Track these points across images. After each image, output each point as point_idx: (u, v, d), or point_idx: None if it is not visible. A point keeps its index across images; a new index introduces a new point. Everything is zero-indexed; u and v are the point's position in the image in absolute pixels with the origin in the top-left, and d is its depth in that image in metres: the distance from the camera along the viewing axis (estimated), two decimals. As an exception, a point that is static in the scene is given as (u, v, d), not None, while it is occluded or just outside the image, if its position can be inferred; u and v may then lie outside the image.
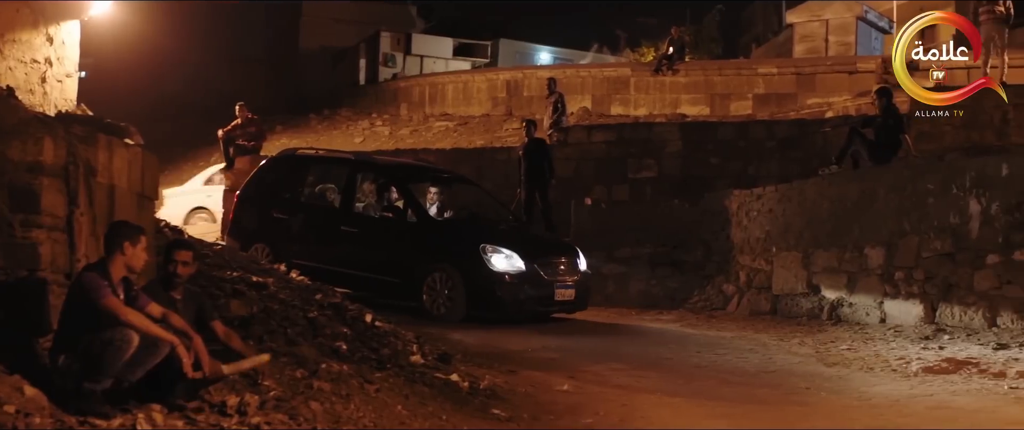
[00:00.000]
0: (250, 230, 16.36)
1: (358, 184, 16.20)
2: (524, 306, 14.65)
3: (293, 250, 15.49)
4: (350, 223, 15.62)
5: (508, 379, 10.37)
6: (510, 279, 14.48)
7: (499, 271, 14.45)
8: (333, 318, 10.47)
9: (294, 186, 16.68)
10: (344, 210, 15.87)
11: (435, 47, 43.74)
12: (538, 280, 14.69)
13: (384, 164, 17.27)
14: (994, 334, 13.02)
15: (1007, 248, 13.38)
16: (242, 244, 16.05)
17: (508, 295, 14.50)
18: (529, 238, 16.03)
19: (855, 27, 31.63)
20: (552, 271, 14.94)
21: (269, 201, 16.44)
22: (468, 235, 15.13)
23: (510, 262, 14.54)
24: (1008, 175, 13.63)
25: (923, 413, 9.31)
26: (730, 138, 21.77)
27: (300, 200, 16.54)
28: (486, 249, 14.53)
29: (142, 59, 39.40)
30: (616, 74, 31.53)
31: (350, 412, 7.49)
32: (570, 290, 15.00)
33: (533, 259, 14.71)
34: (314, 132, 36.05)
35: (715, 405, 9.76)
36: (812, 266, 15.63)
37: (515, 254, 14.57)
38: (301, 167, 17.09)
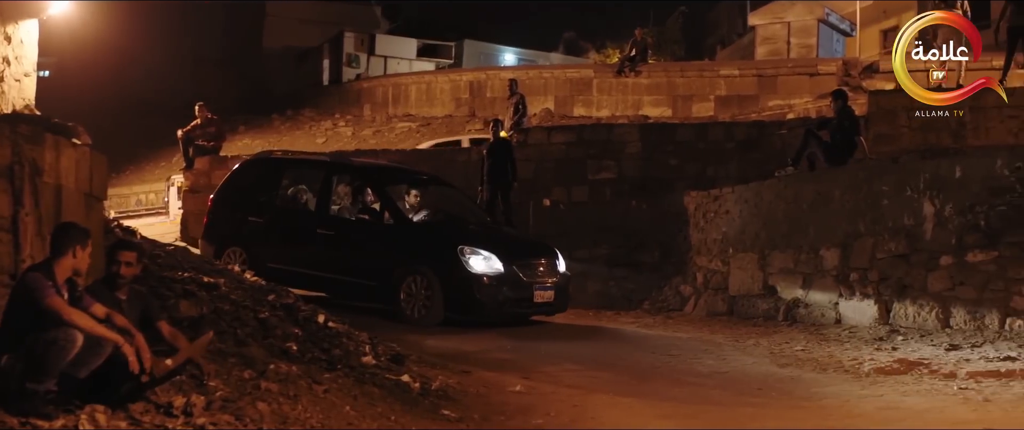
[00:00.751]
0: (224, 234, 16.11)
1: (334, 186, 15.89)
2: (503, 308, 14.35)
3: (268, 254, 15.33)
4: (326, 226, 15.37)
5: (461, 380, 10.36)
6: (488, 281, 14.20)
7: (477, 273, 14.16)
8: (284, 319, 10.41)
9: (269, 189, 16.37)
10: (320, 212, 15.62)
11: (399, 48, 43.75)
12: (517, 282, 14.39)
13: (360, 166, 16.94)
14: (947, 335, 13.12)
15: (960, 250, 13.48)
16: (216, 248, 15.90)
17: (486, 297, 14.19)
18: (508, 239, 15.77)
19: (817, 29, 31.87)
20: (531, 272, 14.63)
21: (243, 204, 16.20)
22: (445, 236, 14.87)
23: (488, 264, 14.26)
24: (962, 177, 13.73)
25: (871, 413, 9.36)
26: (689, 139, 21.79)
27: (275, 203, 16.27)
28: (464, 251, 14.25)
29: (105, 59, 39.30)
30: (579, 75, 31.63)
31: (297, 413, 7.46)
32: (549, 292, 14.72)
33: (512, 260, 14.42)
34: (277, 132, 36.00)
35: (667, 405, 9.78)
36: (768, 267, 15.69)
37: (493, 255, 14.30)
38: (276, 169, 16.87)
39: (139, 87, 43.10)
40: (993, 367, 11.16)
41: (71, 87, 36.64)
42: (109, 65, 40.87)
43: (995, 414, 9.16)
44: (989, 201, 13.41)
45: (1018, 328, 12.86)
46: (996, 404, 9.54)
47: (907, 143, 18.99)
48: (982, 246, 13.34)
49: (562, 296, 15.00)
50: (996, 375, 10.80)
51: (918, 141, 18.97)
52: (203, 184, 23.93)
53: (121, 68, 42.03)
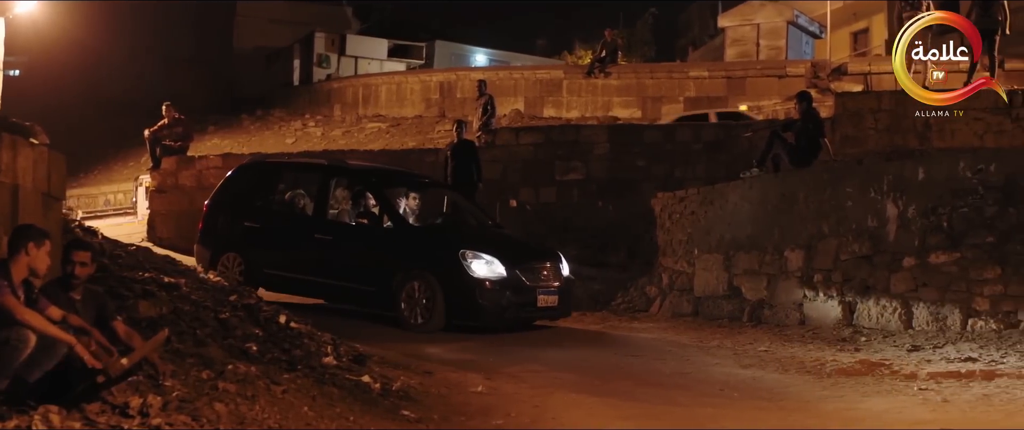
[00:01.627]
0: (220, 240, 15.88)
1: (331, 190, 15.54)
2: (506, 313, 14.02)
3: (265, 259, 15.17)
4: (324, 231, 15.05)
5: (423, 380, 10.36)
6: (491, 285, 13.84)
7: (479, 277, 13.81)
8: (245, 319, 10.38)
9: (265, 193, 16.17)
10: (317, 217, 15.32)
11: (370, 48, 43.70)
12: (520, 286, 14.07)
13: (358, 169, 16.53)
14: (909, 336, 13.19)
15: (923, 251, 13.55)
16: (212, 254, 15.68)
17: (489, 302, 13.84)
18: (511, 243, 15.31)
19: (786, 32, 31.95)
20: (534, 277, 14.30)
21: (239, 209, 15.98)
22: (446, 240, 14.56)
23: (491, 268, 13.91)
24: (924, 179, 13.80)
25: (831, 414, 9.41)
26: (657, 141, 21.83)
27: (271, 208, 16.04)
28: (466, 255, 13.90)
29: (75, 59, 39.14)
30: (549, 77, 31.68)
31: (255, 413, 7.43)
32: (553, 296, 14.42)
33: (515, 264, 14.09)
34: (246, 132, 35.93)
35: (628, 406, 9.81)
36: (733, 268, 15.71)
37: (496, 259, 13.96)
38: (271, 174, 16.68)
39: (109, 87, 42.92)
40: (954, 368, 11.22)
41: (41, 87, 36.47)
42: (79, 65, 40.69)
43: (953, 415, 9.22)
44: (952, 203, 13.47)
45: (979, 329, 12.94)
46: (955, 405, 9.60)
47: (873, 145, 19.11)
48: (945, 248, 13.40)
49: (566, 300, 14.79)
50: (956, 376, 10.87)
51: (884, 143, 19.09)
52: (170, 184, 23.93)
53: (91, 68, 41.84)
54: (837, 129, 19.90)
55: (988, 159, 13.70)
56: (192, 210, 23.35)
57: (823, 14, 35.44)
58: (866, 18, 40.84)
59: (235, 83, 44.67)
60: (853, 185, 14.51)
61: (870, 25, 41.00)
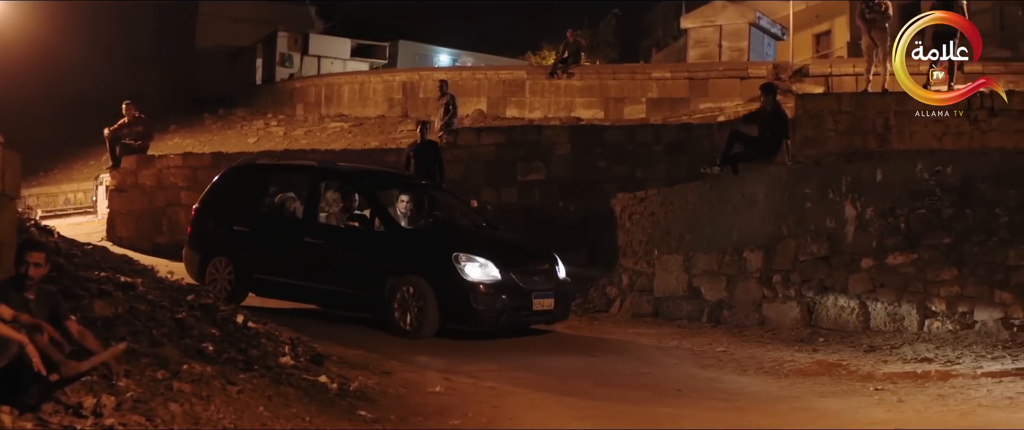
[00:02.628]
0: (209, 244, 15.62)
1: (322, 193, 15.16)
2: (501, 317, 13.65)
3: (254, 264, 14.94)
4: (314, 234, 14.69)
5: (381, 380, 10.35)
6: (485, 289, 13.48)
7: (473, 281, 13.46)
8: (202, 319, 10.34)
9: (254, 196, 15.78)
10: (307, 220, 14.90)
11: (333, 48, 43.60)
12: (515, 289, 13.73)
13: (349, 170, 16.17)
14: (867, 336, 13.29)
15: (880, 252, 13.64)
16: (201, 259, 15.44)
17: (483, 306, 13.48)
18: (505, 245, 14.87)
19: (748, 33, 32.03)
20: (529, 280, 13.97)
21: (228, 213, 15.70)
22: (439, 243, 14.17)
23: (485, 271, 13.58)
24: (882, 180, 13.89)
25: (787, 414, 9.45)
26: (618, 141, 21.85)
27: (261, 211, 15.66)
28: (459, 258, 13.56)
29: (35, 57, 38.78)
30: (512, 77, 31.67)
31: (210, 413, 7.41)
32: (549, 299, 14.10)
33: (509, 267, 13.77)
34: (209, 132, 35.79)
35: (586, 407, 9.82)
36: (693, 269, 15.75)
37: (490, 262, 13.63)
38: (261, 176, 16.29)
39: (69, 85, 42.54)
40: (910, 368, 11.32)
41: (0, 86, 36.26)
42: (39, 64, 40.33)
43: (908, 415, 9.28)
44: (909, 204, 13.57)
45: (936, 330, 13.05)
46: (910, 405, 9.66)
47: (833, 146, 19.16)
48: (902, 249, 13.51)
49: (563, 304, 14.53)
50: (912, 376, 10.96)
51: (844, 144, 19.14)
52: (130, 183, 23.81)
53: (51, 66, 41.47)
54: (797, 130, 19.93)
55: (946, 161, 13.81)
56: (152, 209, 23.31)
57: (785, 16, 35.56)
58: (828, 20, 41.03)
59: (197, 82, 44.42)
60: (812, 186, 14.57)
61: (832, 27, 41.20)
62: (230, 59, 45.28)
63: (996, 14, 32.87)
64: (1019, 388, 10.11)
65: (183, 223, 23.05)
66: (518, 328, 14.13)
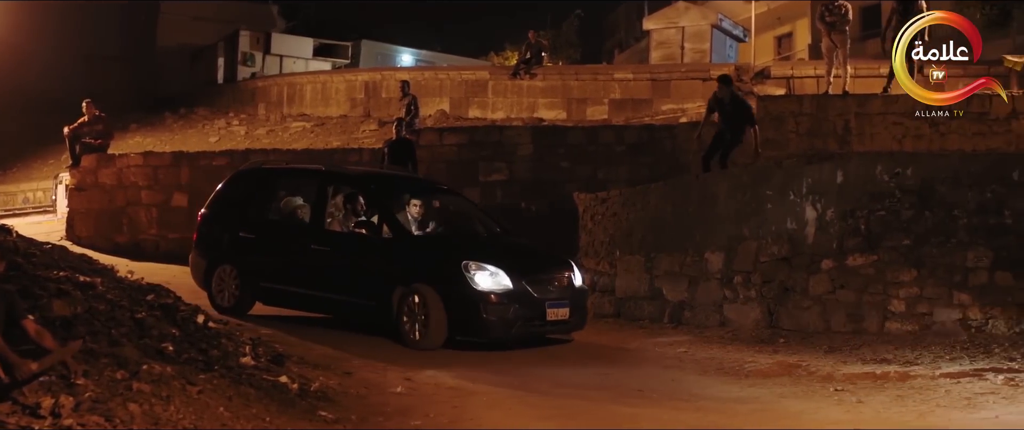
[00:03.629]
0: (215, 250, 15.18)
1: (329, 198, 14.64)
2: (512, 328, 13.02)
3: (261, 272, 14.55)
4: (320, 241, 14.17)
5: (342, 381, 10.34)
6: (496, 299, 12.86)
7: (483, 290, 12.84)
8: (162, 319, 10.28)
9: (261, 202, 15.35)
10: (314, 227, 14.38)
11: (295, 47, 43.45)
12: (527, 299, 13.10)
13: (357, 175, 15.64)
14: (827, 337, 13.36)
15: (841, 254, 13.71)
16: (207, 265, 15.07)
17: (494, 316, 12.84)
18: (518, 252, 14.21)
19: (710, 35, 32.11)
20: (543, 288, 13.35)
21: (234, 219, 15.22)
22: (448, 251, 13.56)
23: (495, 280, 12.94)
24: (843, 182, 13.96)
25: (747, 415, 9.50)
26: (581, 142, 21.86)
27: (267, 217, 15.24)
28: (469, 266, 12.94)
29: (-5, 55, 38.56)
30: (475, 78, 31.64)
31: (169, 414, 7.39)
32: (564, 309, 13.48)
33: (522, 276, 13.15)
34: (170, 131, 35.62)
35: (547, 407, 9.83)
36: (655, 270, 15.78)
37: (501, 271, 12.99)
38: (267, 181, 15.72)
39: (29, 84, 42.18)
40: (869, 369, 11.39)
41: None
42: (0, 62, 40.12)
43: (867, 415, 9.36)
44: (869, 206, 13.65)
45: (895, 331, 13.14)
46: (869, 405, 9.74)
47: (794, 148, 19.27)
48: (862, 250, 13.59)
49: (579, 313, 13.85)
50: (871, 377, 11.03)
51: (805, 146, 19.26)
52: (90, 182, 23.68)
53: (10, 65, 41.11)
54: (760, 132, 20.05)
55: (905, 163, 13.90)
56: (112, 208, 23.19)
57: (747, 18, 35.76)
58: (790, 23, 41.34)
59: (158, 81, 44.14)
60: (773, 188, 14.63)
61: (794, 29, 41.53)
62: (192, 58, 45.06)
63: (956, 17, 33.05)
64: (977, 389, 10.20)
65: (144, 222, 23.03)
66: (533, 339, 13.56)
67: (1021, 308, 12.81)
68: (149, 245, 22.96)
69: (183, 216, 23.08)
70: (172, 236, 23.00)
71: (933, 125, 18.84)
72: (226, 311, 14.04)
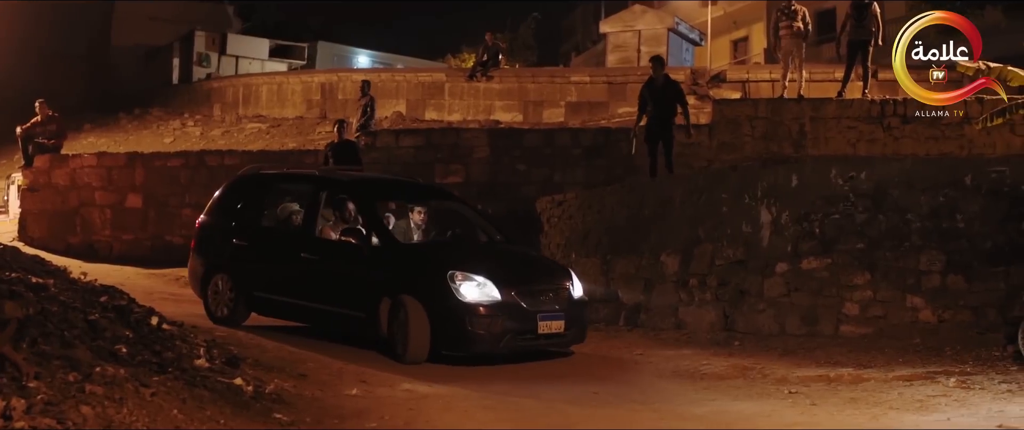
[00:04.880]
0: (210, 259, 14.72)
1: (321, 204, 13.99)
2: (500, 341, 12.27)
3: (254, 281, 14.05)
4: (311, 249, 13.60)
5: (297, 383, 10.28)
6: (483, 311, 12.16)
7: (469, 302, 12.15)
8: (115, 321, 10.18)
9: (255, 208, 14.83)
10: (305, 234, 13.80)
11: (251, 48, 43.30)
12: (517, 311, 12.34)
13: (349, 180, 14.83)
14: (782, 340, 13.41)
15: (796, 257, 13.80)
16: (204, 274, 14.66)
17: (480, 329, 12.13)
18: (512, 262, 13.48)
19: (667, 38, 32.23)
20: (535, 300, 12.56)
21: (229, 225, 14.72)
22: (434, 260, 12.93)
23: (483, 291, 12.24)
24: (798, 186, 14.05)
25: (702, 416, 9.53)
26: (537, 145, 21.90)
27: (260, 224, 14.68)
28: (455, 276, 12.26)
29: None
30: (431, 79, 31.63)
31: (123, 416, 7.32)
32: (558, 321, 12.65)
33: (512, 286, 12.43)
34: (124, 132, 35.41)
35: (503, 409, 9.83)
36: (611, 272, 15.82)
37: (489, 281, 12.30)
38: (264, 187, 15.23)
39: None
40: (823, 372, 11.44)
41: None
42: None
43: (820, 418, 9.39)
44: (824, 210, 13.74)
45: (849, 333, 13.22)
46: (823, 408, 9.77)
47: (750, 151, 19.41)
48: (816, 253, 13.67)
49: (576, 325, 13.00)
50: (825, 380, 11.08)
51: (761, 150, 19.41)
52: (43, 182, 23.53)
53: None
54: (715, 136, 20.18)
55: (859, 167, 14.01)
56: (65, 209, 23.03)
57: (704, 22, 35.92)
58: (746, 27, 41.62)
59: (112, 81, 43.88)
60: (728, 191, 14.71)
61: (750, 34, 41.81)
62: (146, 58, 44.82)
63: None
64: (929, 391, 10.27)
65: (97, 223, 22.89)
66: (527, 353, 12.77)
67: (973, 311, 12.92)
68: (103, 246, 22.83)
69: (137, 217, 23.01)
70: (126, 237, 22.90)
71: (887, 130, 19.04)
72: (221, 322, 13.79)
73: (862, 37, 19.70)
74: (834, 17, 31.39)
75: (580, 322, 13.21)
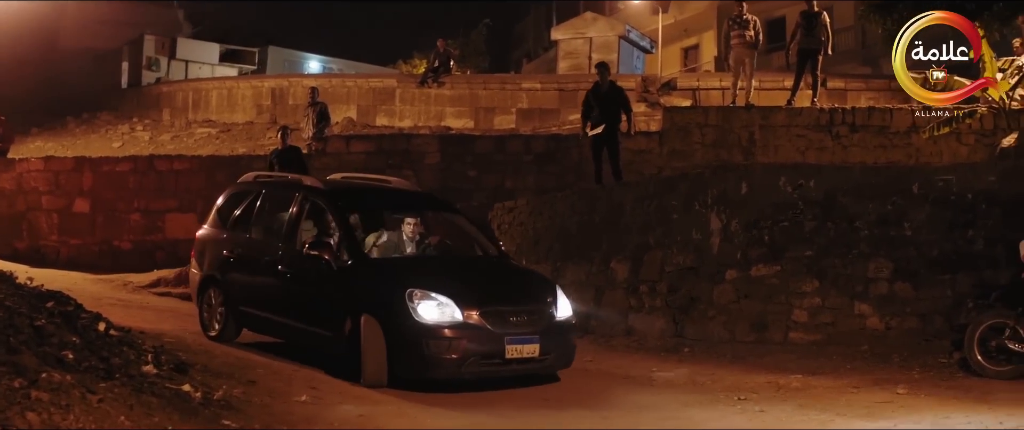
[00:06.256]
0: (205, 271, 14.15)
1: (302, 213, 13.17)
2: (462, 366, 11.16)
3: (240, 294, 13.39)
4: (288, 262, 12.84)
5: (246, 389, 10.20)
6: (443, 333, 11.14)
7: (427, 323, 11.12)
8: (62, 326, 10.08)
9: (246, 218, 14.05)
10: (286, 246, 12.99)
11: (201, 52, 43.09)
12: (482, 333, 11.22)
13: (329, 188, 13.67)
14: (732, 347, 13.47)
15: (745, 264, 13.86)
16: (199, 286, 14.17)
17: (438, 353, 11.07)
18: (484, 279, 12.45)
19: (618, 46, 32.29)
20: (503, 321, 11.37)
21: (222, 236, 14.18)
22: (394, 277, 11.87)
23: (443, 311, 11.21)
24: (747, 193, 14.12)
25: (652, 423, 9.60)
26: (488, 151, 21.93)
27: (249, 235, 13.89)
28: (413, 295, 11.25)
29: None
30: (382, 85, 31.56)
31: (69, 423, 7.26)
32: (531, 345, 11.41)
33: (477, 306, 11.33)
34: (72, 135, 35.14)
35: (453, 415, 9.86)
36: (561, 279, 15.74)
37: (450, 301, 11.25)
38: (256, 195, 14.26)
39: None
40: (772, 379, 11.52)
41: None
42: None
43: (770, 424, 9.48)
44: (773, 217, 13.82)
45: (798, 340, 13.31)
46: (771, 414, 9.84)
47: (700, 159, 19.50)
48: (766, 260, 13.74)
49: (557, 349, 11.75)
50: (774, 386, 11.16)
51: (711, 157, 19.50)
52: (-11, 186, 23.29)
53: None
54: (665, 143, 20.26)
55: (808, 175, 14.08)
56: (11, 214, 22.80)
57: (655, 29, 36.08)
58: (697, 35, 41.86)
59: (61, 85, 43.49)
60: (679, 198, 14.76)
61: (700, 41, 42.06)
62: (95, 62, 44.47)
63: (858, 33, 33.75)
64: (877, 398, 10.37)
65: (44, 228, 22.68)
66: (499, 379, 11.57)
67: (921, 318, 13.04)
68: (50, 251, 22.62)
69: (85, 222, 22.80)
70: (74, 242, 22.70)
71: (836, 138, 19.18)
72: (213, 338, 13.35)
73: (812, 46, 19.85)
74: (784, 26, 31.66)
75: (563, 345, 11.91)
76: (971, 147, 18.78)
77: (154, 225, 22.86)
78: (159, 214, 22.89)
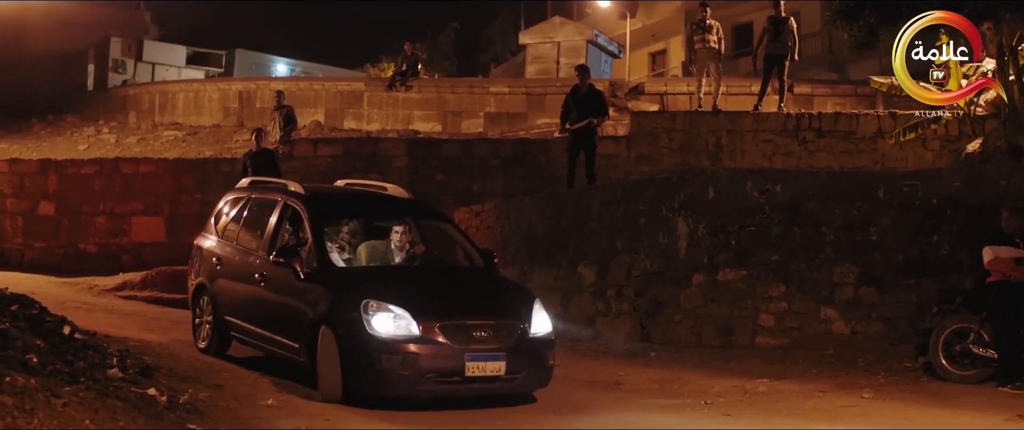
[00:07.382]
0: (198, 279, 13.82)
1: (284, 221, 12.69)
2: (418, 384, 10.44)
3: (226, 303, 13.02)
4: (263, 271, 12.31)
5: (212, 393, 10.17)
6: (396, 347, 10.48)
7: (381, 336, 10.49)
8: (26, 330, 10.03)
9: (237, 224, 13.64)
10: (266, 253, 12.39)
11: (168, 55, 42.88)
12: (441, 349, 10.50)
13: (309, 194, 12.89)
14: (698, 351, 13.49)
15: (712, 268, 13.90)
16: (193, 294, 13.87)
17: (391, 368, 10.40)
18: (452, 290, 11.75)
19: (586, 50, 32.32)
20: (465, 336, 10.60)
21: (215, 243, 13.79)
22: (355, 287, 11.21)
23: (398, 323, 10.57)
24: (714, 198, 14.17)
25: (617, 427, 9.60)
26: (456, 155, 21.96)
27: (238, 242, 13.41)
28: (368, 307, 10.64)
29: None
30: (350, 89, 31.47)
31: (33, 427, 7.21)
32: (496, 362, 10.61)
33: (437, 320, 10.62)
34: (37, 138, 34.88)
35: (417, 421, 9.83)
36: (529, 283, 15.74)
37: (406, 313, 10.59)
38: (246, 201, 13.82)
39: None
40: (738, 383, 11.53)
41: None
42: None
43: (736, 428, 9.46)
44: (740, 221, 13.87)
45: (765, 344, 13.36)
46: (738, 418, 9.86)
47: (668, 163, 19.56)
48: (732, 265, 13.79)
49: (529, 367, 10.92)
50: (741, 391, 11.18)
51: (678, 161, 19.56)
52: (-48, 189, 23.15)
53: None
54: (633, 147, 20.31)
55: (775, 180, 14.14)
56: (-23, 217, 22.66)
57: (623, 34, 36.11)
58: (664, 40, 41.94)
59: (26, 87, 43.11)
60: (646, 202, 14.79)
61: (668, 46, 42.15)
62: (61, 64, 44.18)
63: (825, 38, 33.87)
64: (842, 402, 10.42)
65: (8, 231, 22.56)
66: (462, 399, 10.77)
67: (886, 322, 13.10)
68: (14, 254, 22.50)
69: (49, 225, 22.70)
70: (38, 245, 22.59)
71: (802, 143, 19.26)
72: (204, 350, 13.11)
73: (778, 51, 19.93)
74: (751, 31, 31.72)
75: (535, 363, 11.05)
76: (936, 152, 18.90)
77: (119, 228, 22.79)
78: (124, 217, 22.82)
